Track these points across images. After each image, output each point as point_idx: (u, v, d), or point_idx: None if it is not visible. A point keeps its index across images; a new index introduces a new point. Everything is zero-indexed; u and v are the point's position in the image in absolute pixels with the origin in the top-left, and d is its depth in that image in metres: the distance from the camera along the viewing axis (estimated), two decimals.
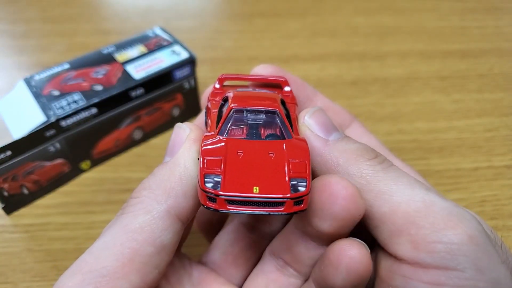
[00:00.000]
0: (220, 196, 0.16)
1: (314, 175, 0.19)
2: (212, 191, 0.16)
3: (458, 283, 0.16)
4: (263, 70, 0.25)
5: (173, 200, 0.18)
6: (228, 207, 0.16)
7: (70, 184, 0.37)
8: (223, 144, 0.18)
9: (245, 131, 0.19)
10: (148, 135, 0.41)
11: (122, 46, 0.40)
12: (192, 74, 0.40)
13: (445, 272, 0.17)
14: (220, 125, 0.19)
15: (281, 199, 0.16)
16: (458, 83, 0.48)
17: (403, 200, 0.18)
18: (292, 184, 0.17)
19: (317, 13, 0.58)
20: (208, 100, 0.23)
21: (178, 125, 0.21)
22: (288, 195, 0.16)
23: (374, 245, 0.20)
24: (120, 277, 0.17)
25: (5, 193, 0.33)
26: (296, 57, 0.51)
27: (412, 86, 0.47)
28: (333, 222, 0.18)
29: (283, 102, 0.22)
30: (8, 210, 0.35)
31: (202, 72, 0.43)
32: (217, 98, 0.23)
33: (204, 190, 0.17)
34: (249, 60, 0.50)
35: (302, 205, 0.17)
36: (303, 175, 0.17)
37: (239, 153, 0.17)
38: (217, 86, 0.24)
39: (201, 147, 0.18)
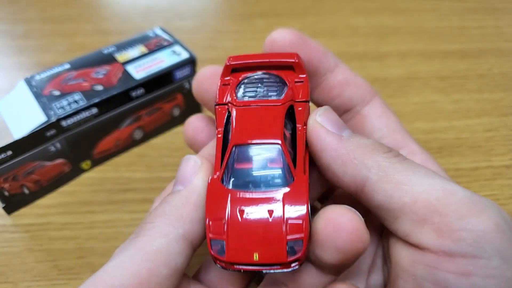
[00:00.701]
0: (225, 262, 0.18)
1: (328, 171, 0.20)
2: (218, 257, 0.18)
3: (486, 272, 0.16)
4: (280, 37, 0.23)
5: (188, 226, 0.19)
6: (234, 267, 0.18)
7: (71, 184, 0.37)
8: (226, 201, 0.18)
9: (250, 168, 0.19)
10: (148, 135, 0.41)
11: (123, 46, 0.40)
12: (193, 74, 0.40)
13: (472, 261, 0.16)
14: (224, 164, 0.19)
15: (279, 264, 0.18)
16: (458, 83, 0.48)
17: (424, 189, 0.18)
18: (290, 247, 0.17)
19: (317, 13, 0.59)
20: (216, 103, 0.22)
21: (188, 157, 0.22)
22: (285, 261, 0.17)
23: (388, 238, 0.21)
24: None
25: (6, 193, 0.33)
26: None
27: (412, 86, 0.47)
28: (337, 254, 0.18)
29: (291, 108, 0.21)
30: (9, 210, 0.35)
31: None
32: (225, 99, 0.21)
33: (211, 254, 0.18)
34: None
35: (298, 261, 0.18)
36: (300, 237, 0.17)
37: (240, 212, 0.18)
38: (225, 78, 0.22)
39: (206, 202, 0.19)
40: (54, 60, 0.49)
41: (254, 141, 0.19)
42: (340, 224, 0.18)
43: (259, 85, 0.22)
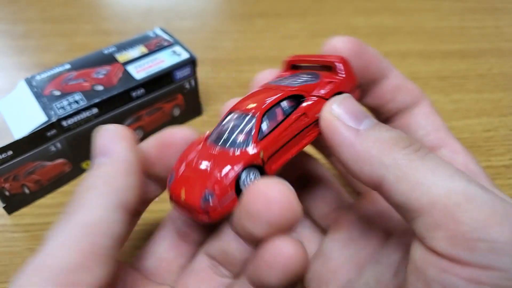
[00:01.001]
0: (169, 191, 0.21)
1: (346, 166, 0.19)
2: (167, 185, 0.21)
3: (499, 283, 0.15)
4: (340, 44, 0.24)
5: (123, 194, 0.19)
6: (172, 199, 0.20)
7: (71, 184, 0.38)
8: (196, 149, 0.21)
9: (226, 128, 0.21)
10: (149, 135, 0.40)
11: (123, 46, 0.40)
12: (193, 74, 0.40)
13: (486, 271, 0.16)
14: (217, 124, 0.21)
15: (194, 208, 0.19)
16: (458, 83, 0.48)
17: (442, 192, 0.17)
18: (205, 197, 0.18)
19: (317, 13, 0.59)
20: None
21: (105, 127, 0.21)
22: (198, 207, 0.18)
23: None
24: (84, 270, 0.17)
25: (6, 193, 0.34)
26: None
27: None
28: (268, 228, 0.18)
29: (297, 97, 0.21)
30: (9, 209, 0.35)
31: (202, 72, 0.43)
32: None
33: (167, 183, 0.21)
34: (249, 60, 0.50)
35: (208, 217, 0.19)
36: (217, 191, 0.18)
37: (197, 157, 0.20)
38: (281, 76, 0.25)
39: (187, 147, 0.21)
40: (54, 60, 0.49)
41: (240, 110, 0.21)
42: (270, 197, 0.17)
43: (294, 77, 0.24)
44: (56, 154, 0.35)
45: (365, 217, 0.25)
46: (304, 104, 0.21)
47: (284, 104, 0.21)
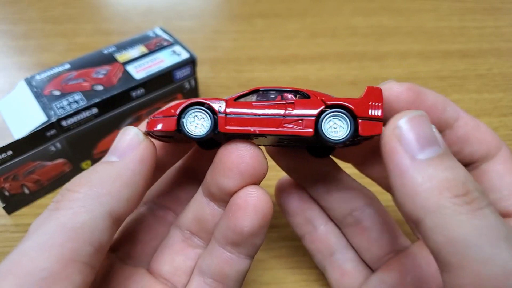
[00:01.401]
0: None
1: (392, 190, 0.18)
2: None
3: None
4: (395, 93, 0.21)
5: (116, 204, 0.18)
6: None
7: None
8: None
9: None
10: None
11: (123, 46, 0.40)
12: (193, 74, 0.40)
13: None
14: None
15: None
16: (457, 83, 0.48)
17: (479, 258, 0.15)
18: None
19: (317, 14, 0.59)
20: None
21: (129, 128, 0.21)
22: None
23: None
24: (63, 278, 0.16)
25: (6, 193, 0.34)
26: (296, 57, 0.51)
27: None
28: (241, 179, 0.20)
29: (304, 95, 0.20)
30: (9, 209, 0.35)
31: (202, 72, 0.43)
32: None
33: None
34: (249, 60, 0.50)
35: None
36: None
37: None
38: None
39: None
40: (54, 60, 0.49)
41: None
42: (242, 152, 0.20)
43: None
44: (56, 154, 0.35)
45: (421, 264, 0.24)
46: (300, 99, 0.20)
47: (287, 95, 0.20)
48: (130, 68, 0.37)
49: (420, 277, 0.23)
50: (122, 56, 0.39)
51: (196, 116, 0.20)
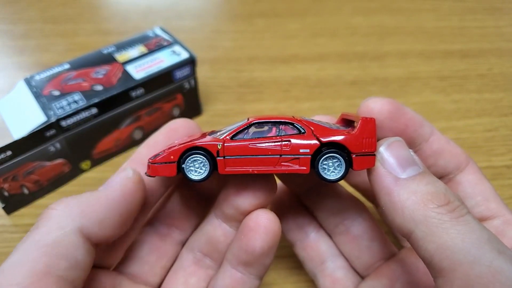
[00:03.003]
0: None
1: (382, 216, 0.20)
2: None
3: None
4: (377, 107, 0.23)
5: (88, 223, 0.19)
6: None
7: (70, 184, 0.37)
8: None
9: None
10: (148, 135, 0.40)
11: (122, 46, 0.40)
12: (192, 74, 0.40)
13: None
14: None
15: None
16: (458, 83, 0.48)
17: (467, 260, 0.16)
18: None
19: (317, 13, 0.59)
20: None
21: (123, 168, 0.23)
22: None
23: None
24: None
25: (6, 193, 0.33)
26: (296, 57, 0.51)
27: (412, 86, 0.47)
28: (254, 200, 0.22)
29: (299, 129, 0.21)
30: (9, 210, 0.35)
31: (202, 72, 0.43)
32: None
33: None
34: (249, 60, 0.50)
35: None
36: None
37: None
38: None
39: None
40: (54, 60, 0.49)
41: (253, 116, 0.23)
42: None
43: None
44: (55, 154, 0.35)
45: (409, 270, 0.25)
46: (295, 135, 0.20)
47: (281, 127, 0.21)
48: (130, 68, 0.37)
49: (409, 282, 0.24)
50: (121, 56, 0.38)
51: (195, 160, 0.20)
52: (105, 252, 0.22)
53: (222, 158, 0.20)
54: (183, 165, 0.20)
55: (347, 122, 0.23)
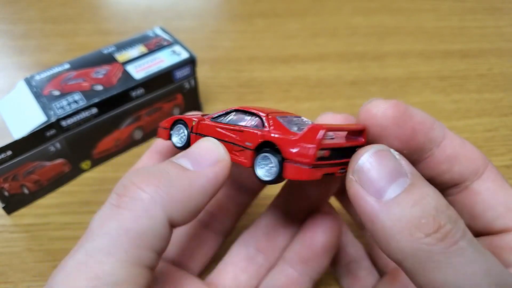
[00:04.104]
0: None
1: (370, 240, 0.21)
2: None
3: None
4: (380, 112, 0.19)
5: (178, 214, 0.18)
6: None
7: (71, 184, 0.37)
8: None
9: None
10: (148, 135, 0.41)
11: (123, 46, 0.40)
12: (193, 74, 0.40)
13: None
14: None
15: None
16: (458, 83, 0.48)
17: None
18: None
19: (317, 13, 0.59)
20: None
21: (212, 141, 0.20)
22: None
23: None
24: (129, 283, 0.16)
25: (6, 193, 0.33)
26: (296, 57, 0.51)
27: (412, 86, 0.47)
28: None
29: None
30: (9, 210, 0.35)
31: (202, 72, 0.43)
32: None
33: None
34: (249, 60, 0.50)
35: None
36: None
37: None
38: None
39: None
40: (54, 60, 0.49)
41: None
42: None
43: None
44: (55, 154, 0.35)
45: None
46: (254, 128, 0.20)
47: (253, 119, 0.20)
48: (130, 68, 0.37)
49: None
50: (121, 56, 0.38)
51: (180, 129, 0.23)
52: None
53: (194, 134, 0.22)
54: (171, 132, 0.24)
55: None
